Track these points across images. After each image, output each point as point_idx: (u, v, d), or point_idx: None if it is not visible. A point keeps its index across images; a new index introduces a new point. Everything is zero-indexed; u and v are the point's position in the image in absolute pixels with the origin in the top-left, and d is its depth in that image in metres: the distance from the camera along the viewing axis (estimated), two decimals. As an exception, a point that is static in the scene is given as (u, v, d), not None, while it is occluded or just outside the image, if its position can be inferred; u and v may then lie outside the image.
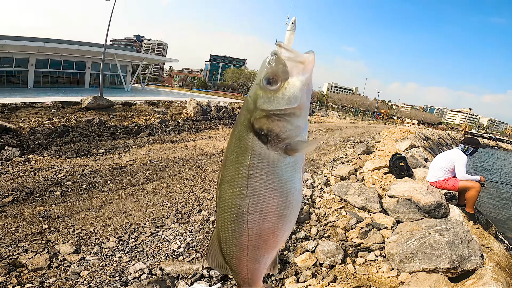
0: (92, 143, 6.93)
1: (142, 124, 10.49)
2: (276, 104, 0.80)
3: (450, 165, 4.69)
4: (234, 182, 0.85)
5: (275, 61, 0.79)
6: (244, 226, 0.89)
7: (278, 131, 0.80)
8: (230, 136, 0.85)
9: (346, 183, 4.83)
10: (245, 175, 0.84)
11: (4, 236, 2.98)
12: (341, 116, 35.18)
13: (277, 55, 0.79)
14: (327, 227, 3.77)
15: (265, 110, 0.80)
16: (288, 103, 0.80)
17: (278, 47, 0.80)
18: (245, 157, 0.83)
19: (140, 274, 2.65)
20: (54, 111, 10.89)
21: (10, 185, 4.12)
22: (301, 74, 0.80)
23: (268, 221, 0.87)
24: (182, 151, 6.96)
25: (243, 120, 0.83)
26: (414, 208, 3.98)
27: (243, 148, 0.83)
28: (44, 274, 2.53)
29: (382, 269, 2.98)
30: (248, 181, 0.84)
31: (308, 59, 0.80)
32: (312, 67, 0.81)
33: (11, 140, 6.52)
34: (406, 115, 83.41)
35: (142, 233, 3.32)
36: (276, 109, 0.80)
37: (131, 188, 4.52)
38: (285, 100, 0.80)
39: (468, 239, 2.95)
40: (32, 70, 22.77)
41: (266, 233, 0.89)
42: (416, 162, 6.75)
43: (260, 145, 0.82)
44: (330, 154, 8.42)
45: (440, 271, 2.72)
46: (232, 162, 0.85)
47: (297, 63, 0.79)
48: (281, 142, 0.81)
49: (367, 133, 15.76)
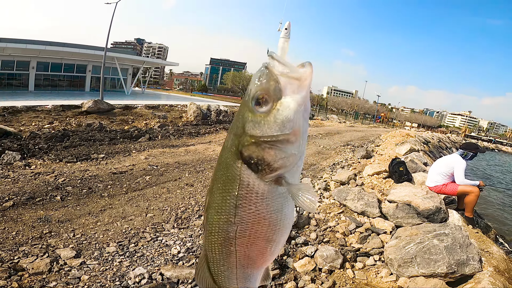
0: (93, 148, 6.95)
1: (142, 129, 10.51)
2: (267, 130, 0.68)
3: (449, 170, 4.71)
4: (221, 209, 0.79)
5: (266, 77, 0.67)
6: (232, 248, 0.84)
7: (270, 160, 0.70)
8: (218, 160, 0.77)
9: (345, 188, 4.84)
10: (233, 205, 0.77)
11: (5, 240, 3.00)
12: (341, 119, 35.23)
13: (268, 69, 0.67)
14: (326, 232, 3.78)
15: (254, 136, 0.69)
16: (281, 128, 0.68)
17: (270, 59, 0.68)
18: (233, 187, 0.75)
19: (140, 279, 2.66)
20: (55, 115, 10.93)
21: (11, 190, 4.14)
22: (296, 92, 0.68)
23: (257, 245, 0.82)
24: (182, 156, 6.99)
25: (230, 145, 0.73)
26: (413, 213, 4.00)
27: (230, 177, 0.75)
28: (45, 278, 2.55)
29: (381, 274, 3.00)
30: (236, 210, 0.77)
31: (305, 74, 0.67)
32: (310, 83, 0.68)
33: (12, 144, 6.54)
34: (406, 118, 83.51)
35: (142, 238, 3.34)
36: (267, 135, 0.68)
37: (131, 193, 4.53)
38: (277, 125, 0.68)
39: (467, 243, 2.97)
40: (33, 73, 22.84)
41: (255, 255, 0.85)
42: (416, 167, 6.76)
43: (249, 174, 0.72)
44: (329, 158, 8.44)
45: (438, 275, 2.74)
46: (219, 190, 0.77)
47: (292, 80, 0.67)
48: (273, 172, 0.71)
49: (367, 137, 15.79)
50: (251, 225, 0.79)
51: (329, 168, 7.17)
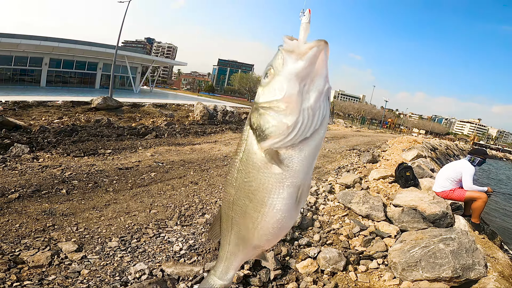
0: (100, 143, 7.01)
1: (149, 126, 10.58)
2: (264, 97, 0.77)
3: (457, 176, 4.63)
4: (231, 170, 0.87)
5: (274, 55, 0.76)
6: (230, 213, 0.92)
7: (263, 124, 0.76)
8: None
9: (350, 191, 4.80)
10: (237, 168, 0.85)
11: (8, 232, 3.01)
12: (347, 124, 35.04)
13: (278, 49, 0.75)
14: (330, 234, 3.74)
15: (257, 103, 0.79)
16: (273, 94, 0.74)
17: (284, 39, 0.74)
18: (240, 150, 0.84)
19: (141, 275, 2.65)
20: (65, 110, 11.07)
21: (17, 182, 4.18)
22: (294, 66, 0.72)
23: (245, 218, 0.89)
24: (188, 154, 7.00)
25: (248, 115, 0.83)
26: (419, 217, 3.94)
27: (242, 140, 0.84)
28: (44, 272, 2.53)
29: (384, 277, 2.95)
30: (238, 174, 0.85)
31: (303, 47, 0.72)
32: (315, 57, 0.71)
33: (21, 137, 6.63)
34: (413, 124, 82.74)
35: (145, 234, 3.34)
36: (264, 101, 0.77)
37: (136, 189, 4.55)
38: (271, 92, 0.75)
39: (473, 248, 2.92)
40: (46, 70, 23.21)
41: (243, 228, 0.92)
42: (423, 172, 6.68)
43: (252, 140, 0.80)
44: (335, 162, 8.38)
45: (442, 280, 2.69)
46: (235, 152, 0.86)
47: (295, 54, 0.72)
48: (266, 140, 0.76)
49: (373, 142, 15.66)
50: (243, 195, 0.86)
51: (335, 171, 7.11)
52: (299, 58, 0.72)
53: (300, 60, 0.72)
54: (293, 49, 0.72)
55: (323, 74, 0.74)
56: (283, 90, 0.73)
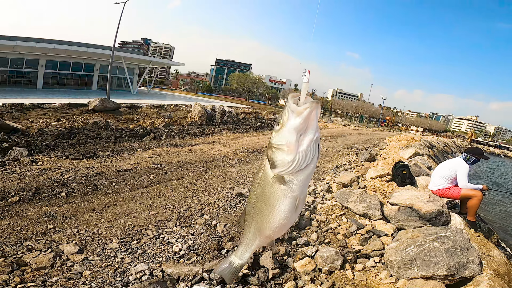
0: (98, 145, 7.03)
1: (147, 128, 10.60)
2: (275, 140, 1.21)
3: (452, 174, 4.69)
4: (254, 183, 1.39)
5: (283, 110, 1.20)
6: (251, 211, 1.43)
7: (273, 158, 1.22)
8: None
9: (348, 190, 4.85)
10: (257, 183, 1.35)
11: (9, 235, 3.04)
12: (345, 122, 35.11)
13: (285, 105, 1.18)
14: (327, 233, 3.79)
15: (271, 143, 1.23)
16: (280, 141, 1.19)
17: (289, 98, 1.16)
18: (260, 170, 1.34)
19: (141, 275, 2.70)
20: (62, 113, 11.09)
21: (17, 185, 4.21)
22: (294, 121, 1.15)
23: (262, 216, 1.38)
24: (186, 155, 7.04)
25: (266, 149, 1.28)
26: (415, 216, 3.99)
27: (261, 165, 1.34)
28: (47, 273, 2.58)
29: (381, 276, 3.00)
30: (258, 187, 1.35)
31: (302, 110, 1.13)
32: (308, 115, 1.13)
33: (19, 140, 6.66)
34: (411, 122, 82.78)
35: (145, 235, 3.38)
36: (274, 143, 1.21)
37: (135, 190, 4.59)
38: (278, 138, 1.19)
39: (467, 246, 2.97)
40: (42, 71, 23.17)
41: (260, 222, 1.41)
42: (419, 170, 6.74)
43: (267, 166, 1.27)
44: (333, 161, 8.43)
45: (437, 278, 2.74)
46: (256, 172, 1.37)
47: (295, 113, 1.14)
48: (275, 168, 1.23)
49: (371, 140, 15.72)
50: (261, 200, 1.35)
51: (332, 170, 7.16)
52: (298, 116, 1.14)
53: (298, 117, 1.14)
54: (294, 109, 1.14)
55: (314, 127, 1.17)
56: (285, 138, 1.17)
